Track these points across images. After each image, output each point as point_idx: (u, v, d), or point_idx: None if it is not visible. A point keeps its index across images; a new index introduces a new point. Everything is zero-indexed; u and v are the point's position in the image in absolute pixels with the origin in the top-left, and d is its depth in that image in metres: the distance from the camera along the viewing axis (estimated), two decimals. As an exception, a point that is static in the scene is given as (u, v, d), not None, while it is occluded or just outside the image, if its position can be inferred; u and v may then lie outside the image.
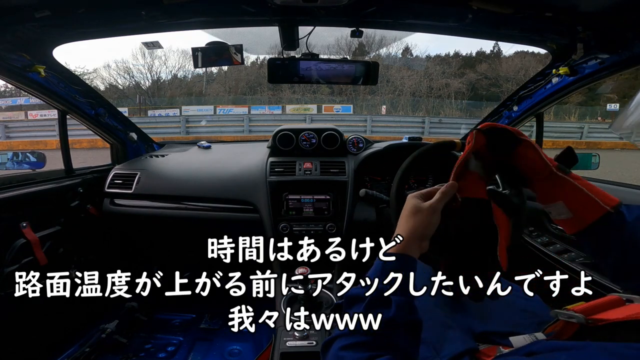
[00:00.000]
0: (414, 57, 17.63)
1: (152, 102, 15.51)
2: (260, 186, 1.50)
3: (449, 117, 13.30)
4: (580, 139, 10.76)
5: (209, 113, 12.61)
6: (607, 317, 0.40)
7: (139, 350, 1.53)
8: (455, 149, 0.88)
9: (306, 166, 1.55)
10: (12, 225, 1.24)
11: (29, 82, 1.22)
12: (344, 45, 7.19)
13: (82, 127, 1.59)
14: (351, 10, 0.97)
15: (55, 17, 0.94)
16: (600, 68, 1.12)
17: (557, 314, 0.44)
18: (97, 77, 15.86)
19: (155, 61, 16.76)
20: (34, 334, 1.35)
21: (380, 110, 14.28)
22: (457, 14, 1.00)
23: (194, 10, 1.00)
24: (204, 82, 17.47)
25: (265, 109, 13.53)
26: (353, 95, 15.87)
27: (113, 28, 1.10)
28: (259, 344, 1.52)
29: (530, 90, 1.44)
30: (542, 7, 0.89)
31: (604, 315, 0.41)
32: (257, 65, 16.41)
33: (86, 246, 1.57)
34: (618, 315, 0.39)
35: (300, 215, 1.48)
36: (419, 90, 16.20)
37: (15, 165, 1.47)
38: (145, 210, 1.59)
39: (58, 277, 0.55)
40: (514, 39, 1.16)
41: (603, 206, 0.51)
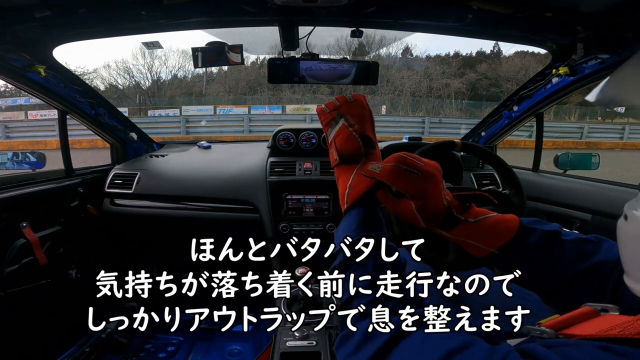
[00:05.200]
0: (414, 57, 17.62)
1: (152, 102, 15.49)
2: (260, 186, 1.50)
3: (449, 117, 13.30)
4: (580, 139, 10.77)
5: (209, 113, 12.60)
6: (579, 332, 0.39)
7: (139, 350, 1.53)
8: (455, 148, 0.88)
9: (306, 166, 1.55)
10: (12, 225, 1.24)
11: (29, 82, 1.22)
12: (344, 45, 7.19)
13: (82, 127, 1.59)
14: (351, 10, 0.97)
15: (55, 17, 0.93)
16: (600, 68, 1.12)
17: (529, 330, 0.44)
18: (97, 77, 15.83)
19: (155, 61, 16.75)
20: (34, 334, 1.35)
21: (380, 110, 14.28)
22: (457, 14, 1.01)
23: (194, 10, 1.00)
24: (204, 82, 17.46)
25: (265, 109, 13.52)
26: (353, 95, 15.82)
27: (113, 28, 1.10)
28: (259, 344, 1.52)
29: (530, 90, 1.44)
30: (542, 7, 0.89)
31: (575, 330, 0.39)
32: (257, 65, 16.41)
33: (86, 246, 1.57)
34: (589, 330, 0.38)
35: (300, 215, 1.48)
36: (419, 90, 16.19)
37: (15, 165, 1.47)
38: (145, 210, 1.59)
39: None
40: (514, 39, 1.16)
41: (487, 249, 0.54)
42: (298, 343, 1.02)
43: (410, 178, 0.51)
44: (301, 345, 1.02)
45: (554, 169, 1.61)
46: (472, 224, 0.54)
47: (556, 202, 1.46)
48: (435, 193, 0.52)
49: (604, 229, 1.26)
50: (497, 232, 0.54)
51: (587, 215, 1.33)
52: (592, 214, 1.32)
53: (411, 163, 0.51)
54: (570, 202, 1.41)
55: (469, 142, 1.02)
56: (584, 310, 0.41)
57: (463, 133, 2.07)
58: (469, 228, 0.54)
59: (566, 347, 0.36)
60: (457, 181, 1.47)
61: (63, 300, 1.44)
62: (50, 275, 1.36)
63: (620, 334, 0.34)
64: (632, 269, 0.41)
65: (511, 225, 0.54)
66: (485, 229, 0.54)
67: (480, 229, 0.54)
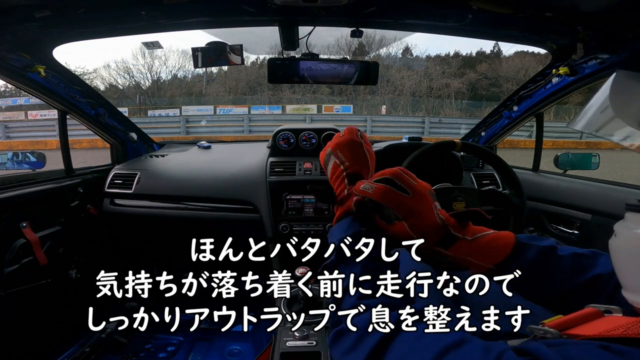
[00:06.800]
0: (414, 57, 17.62)
1: (152, 102, 15.49)
2: (260, 186, 1.50)
3: (449, 117, 13.30)
4: (580, 139, 10.75)
5: (209, 113, 12.61)
6: (582, 332, 0.39)
7: (139, 350, 1.53)
8: (455, 148, 0.88)
9: (306, 166, 1.55)
10: (12, 225, 1.24)
11: (29, 82, 1.22)
12: (344, 45, 7.18)
13: (82, 127, 1.59)
14: (351, 10, 0.97)
15: (55, 17, 0.94)
16: (600, 68, 1.12)
17: (532, 330, 0.44)
18: (97, 77, 15.82)
19: (155, 61, 16.74)
20: (34, 334, 1.35)
21: (380, 110, 14.28)
22: (457, 14, 1.01)
23: (194, 10, 1.00)
24: (204, 82, 17.45)
25: (265, 109, 13.52)
26: (353, 95, 15.85)
27: (113, 28, 1.10)
28: (259, 344, 1.52)
29: (530, 90, 1.44)
30: (542, 7, 0.89)
31: (579, 331, 0.40)
32: (257, 65, 16.41)
33: (86, 246, 1.57)
34: (593, 330, 0.38)
35: (300, 215, 1.48)
36: (419, 90, 16.19)
37: (15, 165, 1.47)
38: (146, 210, 1.59)
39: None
40: (514, 39, 1.16)
41: (485, 266, 0.55)
42: (298, 343, 1.02)
43: (402, 197, 0.54)
44: (301, 345, 1.02)
45: (554, 169, 1.61)
46: (469, 242, 0.56)
47: (556, 202, 1.46)
48: (427, 212, 0.55)
49: (604, 229, 1.26)
50: (493, 249, 0.56)
51: (587, 215, 1.33)
52: (592, 214, 1.32)
53: (404, 180, 0.55)
54: (570, 202, 1.41)
55: (469, 142, 1.02)
56: (587, 311, 0.41)
57: (463, 133, 2.07)
58: (466, 246, 0.55)
59: (566, 346, 0.36)
60: (457, 181, 1.47)
61: (63, 300, 1.44)
62: (50, 275, 1.36)
63: (623, 334, 0.35)
64: (628, 282, 0.41)
65: (507, 242, 0.56)
66: (482, 247, 0.56)
67: (477, 247, 0.56)
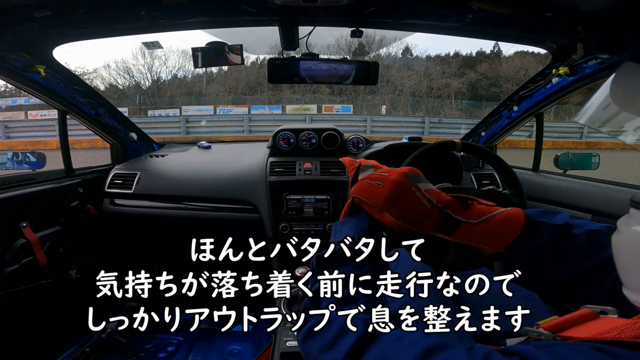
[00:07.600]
0: (414, 57, 17.61)
1: (152, 102, 15.48)
2: (260, 186, 1.50)
3: (449, 117, 13.28)
4: (580, 139, 10.75)
5: (209, 113, 12.60)
6: (576, 334, 0.38)
7: (139, 350, 1.53)
8: (455, 148, 0.88)
9: (306, 166, 1.55)
10: (12, 225, 1.24)
11: (29, 82, 1.22)
12: (344, 45, 7.18)
13: (82, 127, 1.59)
14: (351, 10, 0.97)
15: (55, 17, 0.94)
16: (600, 68, 1.12)
17: (526, 332, 0.44)
18: (97, 77, 15.81)
19: (155, 61, 16.73)
20: (34, 334, 1.35)
21: (380, 110, 14.27)
22: (457, 14, 1.01)
23: (194, 10, 1.00)
24: (204, 82, 17.44)
25: (265, 109, 13.51)
26: (353, 95, 15.85)
27: (113, 28, 1.10)
28: (259, 344, 1.52)
29: (530, 90, 1.44)
30: (542, 7, 0.89)
31: (573, 332, 0.39)
32: (257, 65, 16.40)
33: (86, 246, 1.57)
34: (587, 332, 0.37)
35: (300, 215, 1.48)
36: (419, 90, 16.18)
37: (15, 165, 1.47)
38: (145, 210, 1.59)
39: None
40: (514, 39, 1.16)
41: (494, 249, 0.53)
42: (298, 343, 1.02)
43: (375, 189, 0.52)
44: (301, 345, 1.02)
45: (554, 169, 1.61)
46: (475, 226, 0.52)
47: (556, 202, 1.46)
48: (407, 198, 0.51)
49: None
50: (503, 230, 0.52)
51: (587, 215, 1.33)
52: (592, 214, 1.32)
53: (375, 178, 0.54)
54: (570, 202, 1.41)
55: (469, 142, 1.02)
56: (582, 312, 0.41)
57: (463, 133, 2.07)
58: (472, 230, 0.52)
59: (558, 347, 0.36)
60: (457, 181, 1.47)
61: (63, 300, 1.44)
62: (50, 275, 1.36)
63: (617, 337, 0.34)
64: (628, 280, 0.41)
65: (518, 222, 0.52)
66: (490, 229, 0.52)
67: (484, 230, 0.52)
